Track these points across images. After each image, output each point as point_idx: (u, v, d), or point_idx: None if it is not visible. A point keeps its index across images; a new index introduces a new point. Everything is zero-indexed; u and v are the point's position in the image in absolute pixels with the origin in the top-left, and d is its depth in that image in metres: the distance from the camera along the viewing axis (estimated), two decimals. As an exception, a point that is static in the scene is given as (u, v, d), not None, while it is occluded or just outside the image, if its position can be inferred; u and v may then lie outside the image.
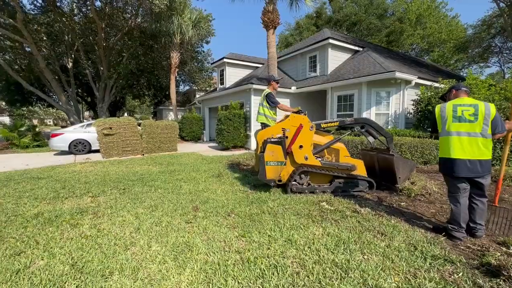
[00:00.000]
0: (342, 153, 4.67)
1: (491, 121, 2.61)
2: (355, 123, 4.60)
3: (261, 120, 5.11)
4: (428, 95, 8.30)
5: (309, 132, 4.33)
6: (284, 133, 4.36)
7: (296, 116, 4.46)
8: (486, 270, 2.17)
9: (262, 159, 4.24)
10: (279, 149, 4.27)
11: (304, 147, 4.29)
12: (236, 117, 11.47)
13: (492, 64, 26.78)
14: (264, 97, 5.04)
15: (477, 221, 2.79)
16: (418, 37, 27.59)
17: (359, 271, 2.17)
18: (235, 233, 2.90)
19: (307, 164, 4.33)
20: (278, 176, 4.36)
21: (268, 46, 9.40)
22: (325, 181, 4.56)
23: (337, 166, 4.41)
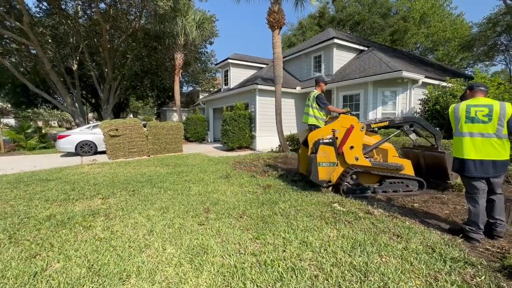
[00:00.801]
0: (390, 153, 4.68)
1: (507, 121, 2.56)
2: (404, 122, 4.62)
3: (311, 122, 5.06)
4: (436, 94, 8.22)
5: (360, 132, 4.34)
6: (334, 134, 4.38)
7: (346, 117, 4.47)
8: (508, 273, 2.12)
9: (314, 160, 4.24)
10: (331, 150, 4.27)
11: (355, 148, 4.30)
12: (241, 118, 11.47)
13: (498, 62, 26.50)
14: (314, 98, 5.00)
15: (496, 217, 2.77)
16: (422, 36, 27.39)
17: (379, 274, 2.14)
18: (249, 235, 2.88)
19: (358, 164, 4.32)
20: (329, 176, 4.36)
21: (274, 47, 9.37)
22: (374, 182, 4.56)
23: (387, 166, 4.45)
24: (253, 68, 15.91)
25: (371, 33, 27.35)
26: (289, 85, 13.03)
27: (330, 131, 4.43)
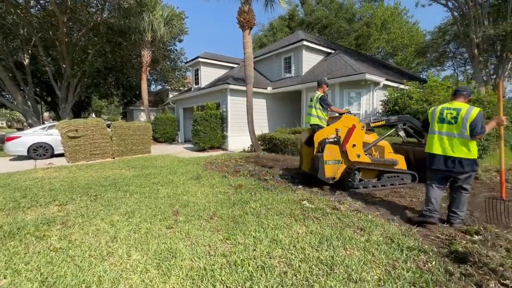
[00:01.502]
0: (386, 149, 5.03)
1: (470, 124, 2.86)
2: (399, 121, 4.97)
3: (314, 122, 5.13)
4: (395, 96, 8.86)
5: (361, 131, 4.58)
6: (337, 133, 4.58)
7: (348, 117, 4.69)
8: (454, 257, 2.36)
9: (321, 158, 4.43)
10: (336, 148, 4.50)
11: (357, 146, 4.51)
12: (213, 118, 11.31)
13: (447, 67, 29.34)
14: (317, 99, 5.09)
15: (452, 209, 3.11)
16: (383, 41, 29.35)
17: (343, 266, 2.24)
18: (220, 236, 2.85)
19: (360, 161, 4.54)
20: (335, 174, 4.57)
21: (245, 47, 9.38)
22: (373, 177, 4.86)
23: (384, 162, 4.79)
24: (224, 68, 15.79)
25: (338, 37, 28.64)
26: (260, 85, 13.15)
27: (333, 130, 4.63)
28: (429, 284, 1.99)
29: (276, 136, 9.66)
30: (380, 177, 4.82)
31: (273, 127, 13.00)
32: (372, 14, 29.50)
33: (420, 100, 8.03)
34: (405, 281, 2.04)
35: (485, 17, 13.80)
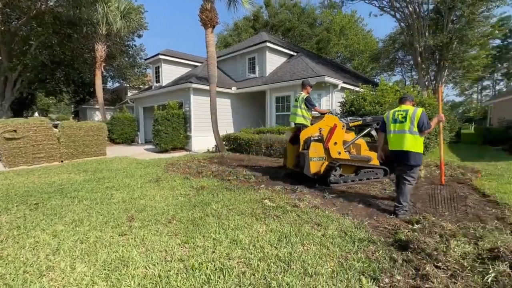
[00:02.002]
0: (362, 147, 5.45)
1: (417, 121, 3.40)
2: (373, 121, 5.33)
3: (299, 121, 5.36)
4: (352, 98, 9.44)
5: (341, 130, 4.89)
6: (320, 132, 4.89)
7: (330, 117, 5.05)
8: (398, 246, 2.59)
9: (307, 155, 4.71)
10: (320, 146, 4.80)
11: (338, 143, 4.81)
12: (175, 117, 10.91)
13: (396, 73, 32.24)
14: (303, 100, 5.31)
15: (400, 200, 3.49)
16: (342, 46, 31.18)
17: (300, 262, 2.32)
18: (178, 241, 2.74)
19: (340, 158, 4.82)
20: (319, 169, 4.81)
21: (207, 45, 9.21)
22: (351, 172, 5.17)
23: (361, 158, 5.16)
24: (187, 66, 15.32)
25: (301, 40, 29.69)
26: (225, 85, 13.03)
27: (317, 129, 4.93)
28: (376, 271, 2.14)
29: (240, 136, 9.66)
30: (358, 172, 5.20)
31: (238, 127, 12.98)
32: (332, 20, 31.14)
33: (373, 102, 8.67)
34: (355, 271, 2.17)
35: (426, 28, 15.47)
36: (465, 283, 1.96)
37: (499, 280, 1.90)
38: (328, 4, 20.12)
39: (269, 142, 8.68)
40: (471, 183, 4.97)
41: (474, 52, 17.72)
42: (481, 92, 47.10)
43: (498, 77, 42.60)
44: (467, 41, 14.72)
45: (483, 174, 5.67)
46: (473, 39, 14.82)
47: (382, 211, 3.64)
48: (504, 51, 36.40)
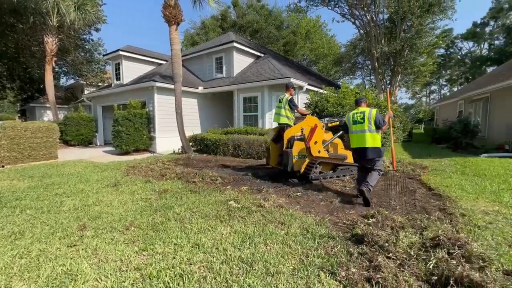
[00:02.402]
0: (339, 146, 5.81)
1: (374, 120, 3.92)
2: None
3: (283, 121, 5.58)
4: (316, 100, 9.83)
5: (321, 130, 5.18)
6: (302, 131, 5.22)
7: (311, 117, 5.42)
8: (355, 240, 2.73)
9: (290, 153, 5.06)
10: (302, 145, 5.12)
11: (318, 143, 5.09)
12: (137, 117, 10.34)
13: (357, 76, 34.39)
14: (287, 101, 5.54)
15: (367, 180, 3.95)
16: (307, 49, 32.35)
17: (263, 261, 2.33)
18: (135, 248, 2.59)
19: (320, 156, 5.12)
20: (301, 167, 5.12)
21: (172, 43, 8.88)
22: (329, 169, 5.55)
23: (338, 156, 5.56)
24: (151, 64, 14.65)
25: (268, 41, 30.15)
26: (191, 84, 12.72)
27: (299, 129, 5.27)
28: (334, 266, 2.24)
29: (208, 136, 9.49)
30: (335, 169, 5.60)
31: (205, 128, 12.74)
32: (298, 24, 32.15)
33: (335, 104, 9.13)
34: (315, 267, 2.24)
35: (382, 36, 16.74)
36: (411, 271, 2.13)
37: (439, 265, 2.10)
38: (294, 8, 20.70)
39: (236, 142, 8.65)
40: (419, 178, 5.46)
41: (423, 60, 19.62)
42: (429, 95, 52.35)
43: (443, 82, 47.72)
44: (416, 49, 16.22)
45: (430, 170, 6.27)
46: (421, 47, 16.39)
47: (342, 208, 3.82)
48: (447, 60, 40.92)
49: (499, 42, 34.76)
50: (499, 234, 2.81)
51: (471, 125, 11.49)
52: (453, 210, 3.49)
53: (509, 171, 5.57)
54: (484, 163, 6.48)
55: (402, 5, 14.34)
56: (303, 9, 19.28)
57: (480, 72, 33.15)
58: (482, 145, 10.75)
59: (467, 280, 1.82)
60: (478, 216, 3.29)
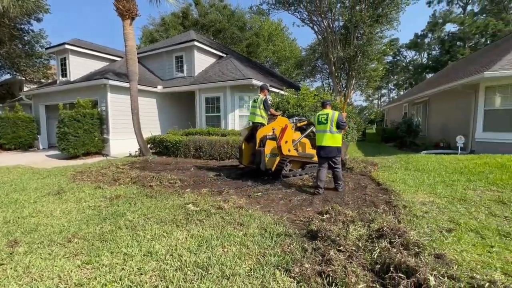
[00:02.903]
0: (307, 145, 6.12)
1: (335, 122, 4.39)
2: None
3: (259, 120, 5.77)
4: (277, 101, 10.05)
5: (291, 130, 5.52)
6: (273, 131, 5.47)
7: (282, 118, 5.84)
8: (310, 236, 2.84)
9: (263, 152, 5.23)
10: (274, 144, 5.33)
11: (288, 142, 5.35)
12: (88, 118, 9.48)
13: (317, 79, 36.14)
14: (261, 101, 5.78)
15: (337, 181, 4.62)
16: (270, 51, 32.99)
17: (219, 265, 2.28)
18: (77, 262, 2.34)
19: (290, 155, 5.40)
20: (273, 165, 5.33)
21: (126, 39, 8.31)
22: (298, 167, 5.93)
23: (306, 155, 5.89)
24: (104, 60, 13.55)
25: (231, 42, 30.05)
26: (150, 83, 12.08)
27: (271, 129, 5.51)
28: (289, 263, 2.29)
29: (167, 138, 9.09)
30: (304, 167, 5.97)
31: (165, 129, 12.20)
32: (261, 26, 32.63)
33: (295, 105, 9.44)
34: (271, 266, 2.26)
35: (338, 42, 17.82)
36: (359, 261, 2.27)
37: (382, 254, 2.27)
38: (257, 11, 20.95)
39: (198, 144, 8.43)
40: (370, 174, 5.91)
41: (374, 65, 21.34)
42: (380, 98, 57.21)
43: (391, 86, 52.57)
44: (368, 55, 17.58)
45: (379, 166, 6.82)
46: (372, 54, 17.82)
47: (300, 205, 3.95)
48: (395, 66, 45.25)
49: (435, 52, 39.51)
50: (433, 222, 3.15)
51: (413, 125, 12.83)
52: (397, 202, 3.83)
53: (442, 166, 6.32)
54: (423, 159, 7.27)
55: (355, 14, 15.44)
56: (265, 11, 19.60)
57: (421, 78, 37.23)
58: (422, 143, 12.06)
59: (404, 266, 2.01)
60: (417, 207, 3.66)
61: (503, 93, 8.02)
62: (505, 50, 8.84)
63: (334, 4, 16.15)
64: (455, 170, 5.72)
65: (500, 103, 8.15)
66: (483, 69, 8.10)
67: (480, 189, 4.39)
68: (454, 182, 4.85)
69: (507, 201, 3.75)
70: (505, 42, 12.00)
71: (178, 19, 30.57)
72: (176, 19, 30.43)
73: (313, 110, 9.15)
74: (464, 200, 3.90)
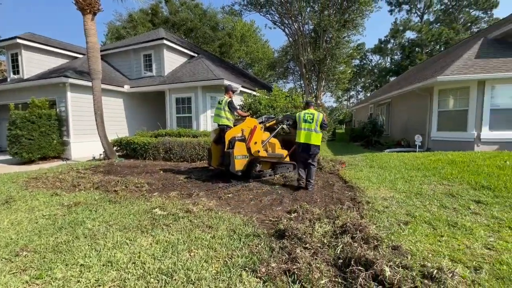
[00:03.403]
0: (277, 145, 6.14)
1: (320, 123, 4.71)
2: (284, 119, 6.12)
3: (223, 123, 5.70)
4: (250, 101, 10.09)
5: (260, 131, 5.52)
6: (242, 132, 5.42)
7: (251, 119, 5.76)
8: (278, 235, 2.87)
9: (232, 154, 5.13)
10: (243, 145, 5.29)
11: (257, 143, 5.36)
12: (44, 119, 8.73)
13: (289, 81, 36.89)
14: (226, 103, 5.70)
15: (308, 179, 4.80)
16: (243, 52, 33.03)
17: (184, 270, 2.22)
18: (25, 277, 2.14)
19: (260, 155, 5.41)
20: (243, 167, 5.30)
21: (87, 35, 7.78)
22: (268, 167, 5.97)
23: (275, 155, 5.88)
24: (63, 57, 12.56)
25: (204, 42, 29.60)
26: (116, 82, 11.46)
27: (240, 130, 5.46)
28: (256, 263, 2.29)
29: (135, 140, 8.68)
30: (273, 167, 6.02)
31: (133, 130, 11.65)
32: (233, 26, 32.55)
33: (267, 106, 9.55)
34: (238, 267, 2.25)
35: (308, 45, 18.40)
36: (323, 257, 2.35)
37: (344, 249, 2.37)
38: (229, 11, 20.87)
39: (168, 145, 8.16)
40: (338, 172, 6.15)
41: (342, 68, 22.34)
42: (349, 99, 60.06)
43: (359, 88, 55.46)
44: (336, 58, 18.38)
45: (347, 165, 7.14)
46: (340, 57, 18.67)
47: (271, 205, 3.99)
48: (362, 69, 47.77)
49: (397, 57, 42.43)
50: (392, 216, 3.36)
51: (378, 125, 13.64)
52: (361, 199, 4.03)
53: (403, 163, 6.79)
54: (386, 157, 7.75)
55: (323, 19, 16.06)
56: (237, 12, 19.61)
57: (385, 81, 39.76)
58: (386, 142, 12.86)
59: (364, 259, 2.11)
60: (379, 202, 3.88)
61: (454, 96, 8.83)
62: (455, 57, 9.74)
63: (304, 8, 16.64)
64: (413, 166, 6.17)
65: (451, 105, 8.96)
66: (436, 73, 8.85)
67: (434, 183, 4.78)
68: (412, 178, 5.22)
69: (456, 193, 4.12)
70: (455, 49, 13.23)
71: (147, 16, 29.45)
72: (145, 16, 29.29)
73: (285, 111, 9.33)
74: (420, 194, 4.22)
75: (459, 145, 8.32)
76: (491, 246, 2.54)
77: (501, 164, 5.47)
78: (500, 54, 8.73)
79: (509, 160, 5.78)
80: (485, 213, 3.35)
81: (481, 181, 4.58)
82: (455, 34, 31.72)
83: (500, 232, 2.83)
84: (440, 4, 35.46)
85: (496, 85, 7.96)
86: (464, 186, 4.46)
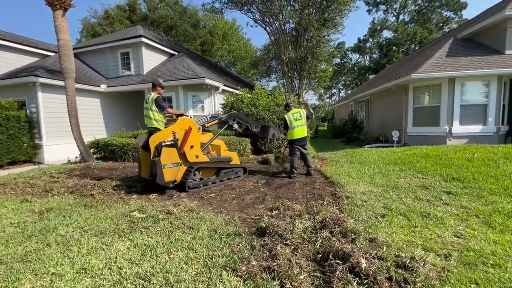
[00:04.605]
0: (222, 148, 5.61)
1: (305, 117, 5.61)
2: (229, 118, 5.57)
3: (152, 125, 4.82)
4: (232, 100, 10.03)
5: (197, 133, 4.78)
6: (174, 136, 4.53)
7: (185, 119, 4.79)
8: (259, 233, 2.88)
9: (158, 163, 4.25)
10: (174, 151, 4.44)
11: (195, 147, 4.70)
12: (13, 121, 8.22)
13: (272, 79, 37.05)
14: (153, 101, 4.79)
15: (309, 165, 5.70)
16: (225, 50, 32.77)
17: (163, 272, 2.17)
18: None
19: (198, 161, 4.77)
20: (175, 177, 4.52)
21: (58, 31, 7.38)
22: (212, 174, 5.22)
23: (221, 159, 5.37)
24: (33, 55, 11.87)
25: (184, 40, 29.06)
26: (92, 81, 10.99)
27: (170, 133, 4.55)
28: (237, 262, 2.28)
29: (113, 141, 8.36)
30: (219, 173, 5.26)
31: (111, 131, 11.24)
32: (215, 24, 32.19)
33: (250, 104, 9.54)
34: (218, 267, 2.23)
35: (289, 43, 18.54)
36: (303, 253, 2.38)
37: (324, 244, 2.42)
38: (210, 9, 20.58)
39: (148, 146, 7.91)
40: (319, 169, 6.26)
41: (323, 67, 22.74)
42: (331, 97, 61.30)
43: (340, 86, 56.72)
44: (317, 57, 18.67)
45: (328, 161, 7.28)
46: (321, 56, 18.97)
47: (253, 203, 3.99)
48: (342, 68, 48.88)
49: (376, 55, 43.82)
50: (370, 209, 3.47)
51: (358, 122, 14.03)
52: (341, 194, 4.12)
53: (381, 158, 7.03)
54: (366, 153, 7.99)
55: (304, 17, 16.24)
56: (218, 10, 19.38)
57: (365, 78, 40.95)
58: (366, 138, 13.28)
59: (341, 253, 2.16)
60: (358, 196, 3.99)
61: (427, 93, 9.26)
62: (428, 56, 10.21)
63: (285, 7, 16.74)
64: (391, 161, 6.40)
65: (425, 101, 9.39)
66: (411, 71, 9.22)
67: (409, 177, 4.98)
68: (389, 172, 5.42)
69: (429, 186, 4.32)
70: (428, 48, 13.86)
71: (125, 12, 28.47)
72: (122, 13, 28.31)
73: (267, 109, 9.36)
74: (396, 187, 4.38)
75: (433, 139, 8.74)
76: (460, 234, 2.69)
77: (469, 157, 5.80)
78: (467, 53, 9.25)
79: (476, 153, 6.14)
80: (455, 203, 3.54)
81: (452, 173, 4.83)
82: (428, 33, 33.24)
83: (468, 220, 3.00)
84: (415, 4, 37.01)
85: (465, 82, 8.43)
86: (437, 178, 4.68)
